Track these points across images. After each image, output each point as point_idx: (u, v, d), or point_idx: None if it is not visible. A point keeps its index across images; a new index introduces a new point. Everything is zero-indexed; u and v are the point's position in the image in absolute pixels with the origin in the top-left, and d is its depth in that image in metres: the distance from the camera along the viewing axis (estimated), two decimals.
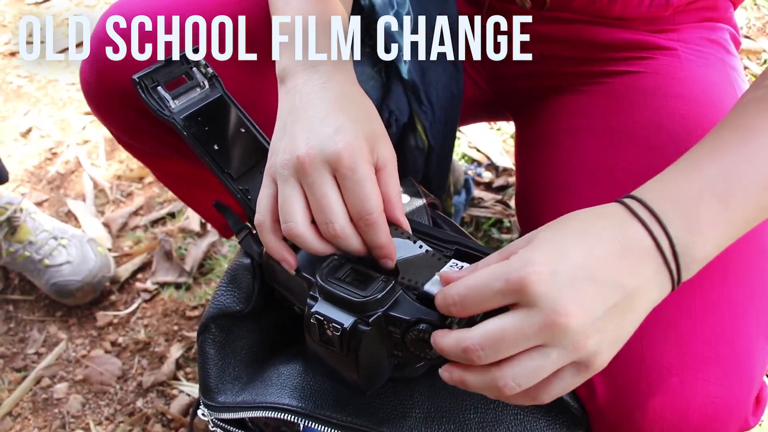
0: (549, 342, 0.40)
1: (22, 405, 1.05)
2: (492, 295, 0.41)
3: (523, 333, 0.39)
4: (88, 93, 0.70)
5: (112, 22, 0.67)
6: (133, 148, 0.79)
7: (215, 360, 0.59)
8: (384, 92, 0.74)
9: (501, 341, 0.39)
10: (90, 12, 1.89)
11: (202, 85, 0.61)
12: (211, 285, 1.19)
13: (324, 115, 0.50)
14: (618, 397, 0.54)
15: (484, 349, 0.40)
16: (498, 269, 0.41)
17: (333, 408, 0.55)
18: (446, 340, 0.42)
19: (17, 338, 1.15)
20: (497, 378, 0.40)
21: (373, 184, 0.47)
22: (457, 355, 0.41)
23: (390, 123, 0.75)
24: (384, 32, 0.69)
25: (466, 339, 0.40)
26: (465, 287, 0.42)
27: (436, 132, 0.77)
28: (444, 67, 0.75)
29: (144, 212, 1.34)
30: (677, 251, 0.43)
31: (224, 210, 0.62)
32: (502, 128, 1.41)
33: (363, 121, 0.50)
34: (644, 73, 0.72)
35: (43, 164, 1.45)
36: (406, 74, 0.72)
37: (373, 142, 0.49)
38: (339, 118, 0.49)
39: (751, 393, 0.54)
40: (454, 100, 0.78)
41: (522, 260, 0.40)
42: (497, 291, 0.40)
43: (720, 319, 0.55)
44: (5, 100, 1.63)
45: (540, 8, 0.72)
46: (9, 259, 1.17)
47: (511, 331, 0.39)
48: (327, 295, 0.50)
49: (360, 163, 0.47)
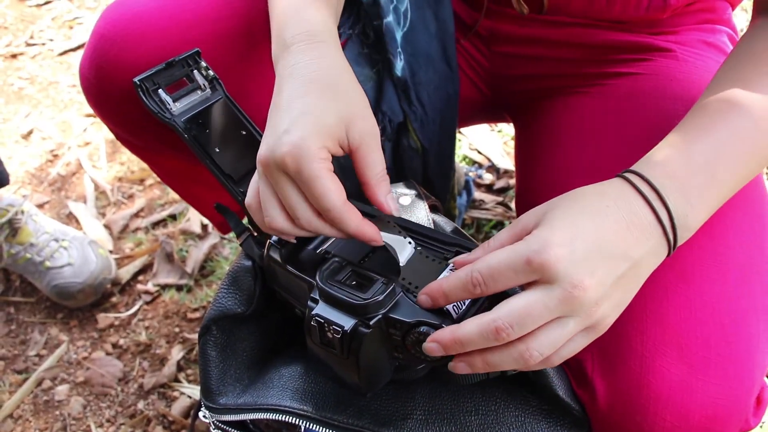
0: (567, 313, 0.44)
1: (23, 407, 1.05)
2: (515, 275, 0.44)
3: (547, 307, 0.43)
4: (88, 90, 0.70)
5: (112, 19, 0.67)
6: (133, 145, 0.79)
7: (216, 362, 0.59)
8: (379, 93, 0.74)
9: (528, 317, 0.43)
10: (91, 14, 1.90)
11: (203, 87, 0.61)
12: (212, 287, 1.19)
13: (287, 104, 0.50)
14: (619, 398, 0.55)
15: (513, 327, 0.43)
16: (519, 250, 0.44)
17: (334, 410, 0.55)
18: (469, 327, 0.44)
19: (18, 340, 1.15)
20: (523, 351, 0.44)
21: (324, 180, 0.47)
22: (486, 338, 0.44)
23: (384, 125, 0.75)
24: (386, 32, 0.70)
25: (497, 319, 0.43)
26: (488, 267, 0.44)
27: (429, 133, 0.77)
28: (435, 68, 0.75)
29: (145, 214, 1.34)
30: (675, 223, 0.47)
31: (225, 212, 0.62)
32: (503, 130, 1.41)
33: (332, 101, 0.49)
34: (643, 74, 0.72)
35: (44, 166, 1.46)
36: (399, 72, 0.72)
37: (341, 125, 0.49)
38: (301, 106, 0.49)
39: (752, 393, 0.54)
40: (450, 101, 0.78)
41: (541, 241, 0.44)
42: (520, 271, 0.44)
43: (720, 320, 0.55)
44: (6, 102, 1.63)
45: (538, 12, 0.72)
46: (10, 261, 1.17)
47: (536, 307, 0.43)
48: (327, 297, 0.50)
49: (304, 165, 0.47)
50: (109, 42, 0.65)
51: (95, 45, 0.67)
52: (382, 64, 0.73)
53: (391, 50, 0.72)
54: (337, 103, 0.49)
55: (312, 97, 0.49)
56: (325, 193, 0.47)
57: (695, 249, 0.57)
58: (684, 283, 0.56)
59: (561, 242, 0.43)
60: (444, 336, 0.45)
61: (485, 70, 0.81)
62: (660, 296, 0.56)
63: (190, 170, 0.80)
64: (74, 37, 1.82)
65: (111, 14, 0.67)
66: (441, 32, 0.75)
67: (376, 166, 0.50)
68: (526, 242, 0.44)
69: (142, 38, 0.65)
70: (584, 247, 0.44)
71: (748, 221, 0.60)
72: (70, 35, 1.83)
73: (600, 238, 0.45)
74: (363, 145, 0.49)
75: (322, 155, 0.47)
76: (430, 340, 0.46)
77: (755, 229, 0.60)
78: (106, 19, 0.67)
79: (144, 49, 0.65)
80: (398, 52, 0.72)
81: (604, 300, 0.45)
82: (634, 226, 0.46)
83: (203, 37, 0.66)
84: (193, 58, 0.61)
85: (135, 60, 0.65)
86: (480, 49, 0.80)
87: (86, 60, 0.69)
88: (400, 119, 0.75)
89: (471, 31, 0.78)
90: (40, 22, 1.88)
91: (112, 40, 0.65)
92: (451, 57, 0.76)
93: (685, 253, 0.57)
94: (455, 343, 0.45)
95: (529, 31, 0.75)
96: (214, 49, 0.63)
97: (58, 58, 1.76)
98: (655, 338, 0.55)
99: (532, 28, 0.75)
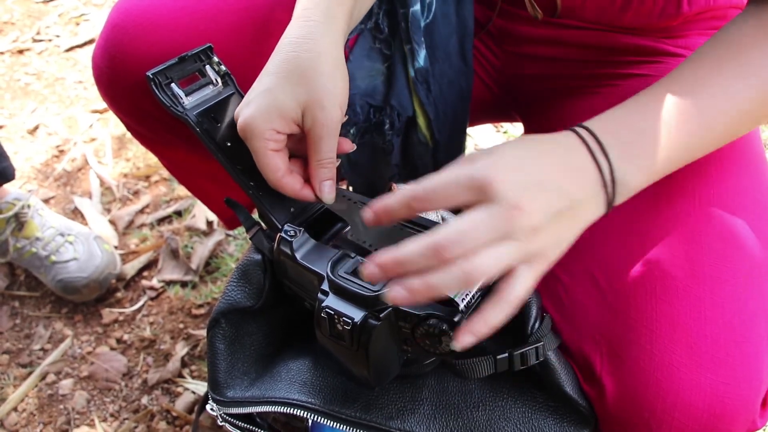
0: (506, 235, 0.44)
1: (27, 401, 1.05)
2: (456, 191, 0.45)
3: (486, 225, 0.44)
4: (100, 79, 0.70)
5: (126, 9, 0.67)
6: (143, 137, 0.79)
7: (225, 355, 0.59)
8: (389, 88, 0.75)
9: (468, 234, 0.44)
10: (98, 11, 1.90)
11: (215, 82, 0.61)
12: (217, 283, 1.19)
13: (262, 75, 0.54)
14: (627, 396, 0.55)
15: (454, 244, 0.43)
16: (464, 170, 0.45)
17: (342, 403, 0.55)
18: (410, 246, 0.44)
19: (23, 334, 1.15)
20: (466, 267, 0.43)
21: (262, 157, 0.53)
22: (426, 256, 0.43)
23: (392, 119, 0.75)
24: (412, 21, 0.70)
25: (437, 237, 0.43)
26: (433, 184, 0.46)
27: (441, 126, 0.77)
28: (451, 63, 0.76)
29: (150, 210, 1.34)
30: (615, 177, 0.50)
31: (235, 206, 0.62)
32: (508, 131, 1.41)
33: (295, 85, 0.53)
34: (653, 76, 0.72)
35: (50, 162, 1.46)
36: (422, 61, 0.73)
37: (298, 109, 0.53)
38: (267, 82, 0.53)
39: (759, 393, 0.54)
40: (463, 95, 0.78)
41: (486, 164, 0.45)
42: (462, 187, 0.45)
43: (729, 319, 0.55)
44: (13, 97, 1.64)
45: (551, 16, 0.72)
46: (16, 255, 1.17)
47: (476, 225, 0.44)
48: (337, 289, 0.50)
49: (250, 140, 0.53)
50: (122, 32, 0.66)
51: (108, 35, 0.67)
52: (397, 57, 0.73)
53: (416, 39, 0.72)
54: (299, 87, 0.53)
55: (279, 76, 0.53)
56: (263, 168, 0.53)
57: (706, 249, 0.58)
58: (695, 283, 0.56)
59: (505, 168, 0.45)
60: (383, 257, 0.44)
61: (496, 69, 0.82)
62: (670, 295, 0.56)
63: (200, 164, 0.80)
64: (81, 34, 1.82)
65: (125, 4, 0.67)
66: (460, 29, 0.75)
67: (319, 152, 0.54)
68: (471, 162, 0.46)
69: (156, 28, 0.65)
70: (526, 178, 0.46)
71: (759, 223, 0.60)
72: (77, 32, 1.84)
73: (542, 173, 0.47)
74: (312, 132, 0.53)
75: (267, 135, 0.52)
76: (369, 264, 0.45)
77: (765, 231, 0.61)
78: (120, 9, 0.67)
79: (157, 40, 0.65)
80: (422, 41, 0.72)
81: (543, 230, 0.46)
82: (575, 170, 0.49)
83: (216, 28, 0.66)
84: (206, 53, 0.61)
85: (148, 50, 0.65)
86: (491, 48, 0.80)
87: (99, 49, 0.69)
88: (410, 114, 0.75)
89: (483, 29, 0.78)
90: (46, 18, 1.89)
91: (125, 29, 0.66)
92: (468, 54, 0.77)
93: (696, 253, 0.57)
94: (395, 263, 0.44)
95: (541, 32, 0.75)
96: (226, 42, 0.63)
97: (64, 54, 1.77)
98: (664, 336, 0.55)
99: (544, 29, 0.75)
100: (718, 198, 0.60)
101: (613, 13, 0.70)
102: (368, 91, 0.75)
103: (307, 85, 0.53)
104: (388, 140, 0.77)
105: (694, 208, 0.59)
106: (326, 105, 0.53)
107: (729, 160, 0.62)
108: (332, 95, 0.53)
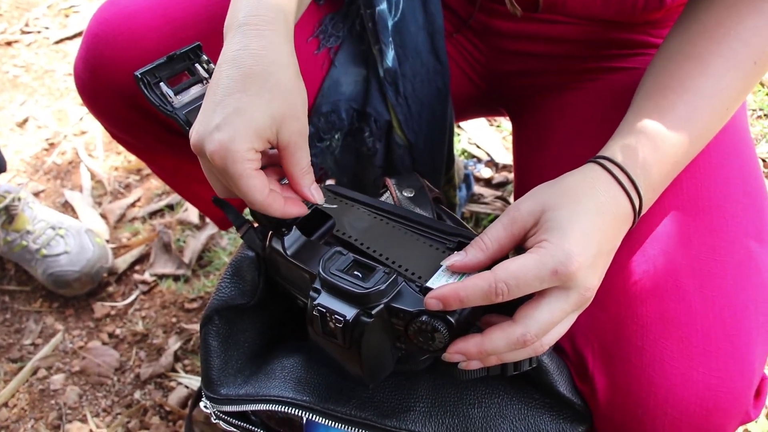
0: (576, 310, 0.49)
1: (18, 396, 1.05)
2: (539, 284, 0.47)
3: (565, 312, 0.48)
4: (82, 89, 0.70)
5: (105, 18, 0.66)
6: (130, 145, 0.79)
7: (218, 352, 0.59)
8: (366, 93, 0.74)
9: (551, 324, 0.48)
10: (88, 2, 1.88)
11: (204, 81, 0.60)
12: (209, 277, 1.18)
13: (223, 94, 0.50)
14: (619, 393, 0.55)
15: (539, 336, 0.47)
16: (546, 262, 0.47)
17: (336, 401, 0.55)
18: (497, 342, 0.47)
19: (13, 329, 1.14)
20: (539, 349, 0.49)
21: (247, 180, 0.49)
22: (512, 348, 0.48)
23: (371, 126, 0.74)
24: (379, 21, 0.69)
25: (526, 333, 0.47)
26: (514, 277, 0.46)
27: (414, 126, 0.77)
28: (423, 61, 0.75)
29: (142, 204, 1.33)
30: (642, 209, 0.53)
31: (224, 205, 0.62)
32: (501, 125, 1.41)
33: (268, 102, 0.50)
34: (638, 69, 0.72)
35: (40, 155, 1.45)
36: (390, 62, 0.72)
37: (274, 126, 0.50)
38: (236, 102, 0.49)
39: (752, 385, 0.55)
40: (441, 94, 0.77)
41: (565, 253, 0.47)
42: (545, 280, 0.47)
43: (719, 312, 0.55)
44: (1, 89, 1.62)
45: (532, 11, 0.72)
46: (6, 249, 1.16)
47: (558, 315, 0.48)
48: (329, 287, 0.50)
49: (230, 165, 0.49)
50: (102, 42, 0.65)
51: (88, 45, 0.67)
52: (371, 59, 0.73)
53: (383, 39, 0.71)
54: (272, 102, 0.50)
55: (249, 93, 0.50)
56: (249, 191, 0.50)
57: (694, 243, 0.58)
58: (684, 277, 0.56)
59: (580, 251, 0.47)
60: (470, 349, 0.47)
61: (481, 65, 0.81)
62: (660, 290, 0.56)
63: (188, 167, 0.79)
64: (70, 26, 1.80)
65: (104, 14, 0.67)
66: (429, 24, 0.74)
67: (300, 162, 0.52)
68: (551, 254, 0.47)
69: (136, 38, 0.65)
70: (593, 251, 0.48)
71: (747, 215, 0.61)
72: (66, 23, 1.82)
73: (602, 239, 0.49)
74: (291, 144, 0.51)
75: (249, 156, 0.49)
76: (456, 353, 0.48)
77: (754, 221, 0.61)
78: (99, 19, 0.67)
79: (138, 49, 0.65)
80: (389, 41, 0.72)
81: (597, 287, 0.50)
82: (620, 219, 0.51)
83: (197, 36, 0.65)
84: (195, 52, 0.60)
85: (129, 60, 0.65)
86: (475, 44, 0.80)
87: (80, 60, 0.68)
88: (387, 117, 0.74)
89: (465, 24, 0.78)
90: (35, 10, 1.86)
91: (105, 40, 0.65)
92: (440, 50, 0.75)
93: (685, 247, 0.58)
94: (482, 354, 0.48)
95: (522, 28, 0.75)
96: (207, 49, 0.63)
97: (53, 46, 1.75)
98: (655, 332, 0.55)
99: (525, 24, 0.74)
100: (705, 190, 0.60)
101: (597, 6, 0.69)
102: (353, 95, 0.74)
103: (279, 98, 0.50)
104: (370, 146, 0.76)
105: (681, 202, 0.60)
106: (300, 116, 0.52)
107: (715, 148, 0.62)
108: (302, 105, 0.52)
